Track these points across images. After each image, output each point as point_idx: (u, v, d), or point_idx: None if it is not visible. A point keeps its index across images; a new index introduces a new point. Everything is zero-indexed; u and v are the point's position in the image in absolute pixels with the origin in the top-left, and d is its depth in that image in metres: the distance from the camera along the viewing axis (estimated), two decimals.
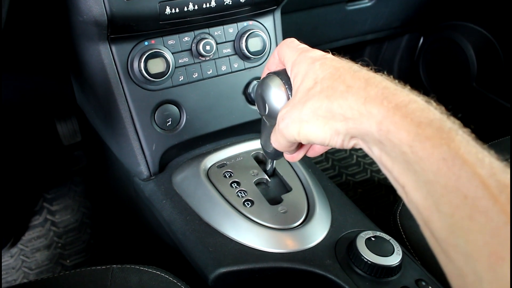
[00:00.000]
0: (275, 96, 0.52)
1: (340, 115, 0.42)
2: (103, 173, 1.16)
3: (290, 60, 0.50)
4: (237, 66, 0.82)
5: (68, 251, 1.26)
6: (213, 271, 0.62)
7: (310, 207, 0.71)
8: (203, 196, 0.71)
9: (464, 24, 1.53)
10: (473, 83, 1.52)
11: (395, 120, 0.37)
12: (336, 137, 0.44)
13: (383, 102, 0.39)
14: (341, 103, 0.42)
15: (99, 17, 0.65)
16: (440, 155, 0.34)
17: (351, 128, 0.42)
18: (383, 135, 0.38)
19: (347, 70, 0.44)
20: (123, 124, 0.75)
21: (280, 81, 0.52)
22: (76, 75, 0.94)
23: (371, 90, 0.40)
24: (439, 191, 0.34)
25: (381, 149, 0.40)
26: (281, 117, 0.48)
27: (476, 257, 0.31)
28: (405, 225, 0.78)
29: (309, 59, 0.48)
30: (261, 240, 0.65)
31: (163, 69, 0.73)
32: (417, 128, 0.36)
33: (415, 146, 0.36)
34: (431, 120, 0.36)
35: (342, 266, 0.62)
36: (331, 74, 0.44)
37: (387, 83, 0.42)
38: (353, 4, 1.26)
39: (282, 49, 0.53)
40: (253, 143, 0.81)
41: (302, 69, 0.47)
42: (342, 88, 0.42)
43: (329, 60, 0.47)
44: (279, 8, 0.85)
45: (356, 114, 0.40)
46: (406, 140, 0.36)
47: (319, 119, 0.44)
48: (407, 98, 0.39)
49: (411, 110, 0.37)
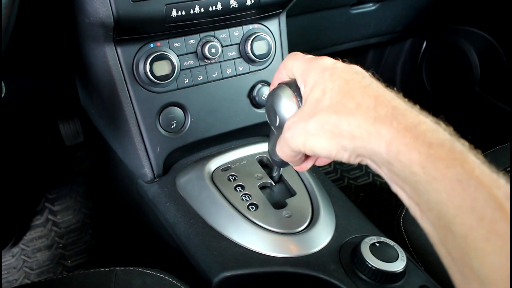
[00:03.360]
0: (286, 107, 0.51)
1: (348, 133, 0.41)
2: (106, 174, 1.16)
3: (299, 69, 0.50)
4: (242, 69, 0.82)
5: (69, 251, 1.26)
6: (217, 274, 0.62)
7: (314, 212, 0.71)
8: (207, 199, 0.71)
9: (467, 29, 1.53)
10: (476, 88, 1.52)
11: (405, 141, 0.37)
12: (342, 152, 0.43)
13: (393, 122, 0.38)
14: (349, 120, 0.41)
15: (105, 18, 0.64)
16: (454, 176, 0.34)
17: (358, 147, 0.41)
18: (392, 156, 0.38)
19: (357, 84, 0.44)
20: (127, 126, 0.75)
21: (291, 92, 0.51)
22: (81, 76, 0.94)
23: (381, 110, 0.40)
24: (453, 211, 0.34)
25: (389, 169, 0.40)
26: (288, 127, 0.48)
27: (492, 280, 0.31)
28: (409, 231, 0.77)
29: (319, 68, 0.47)
30: (265, 244, 0.65)
31: (168, 71, 0.73)
32: (428, 149, 0.36)
33: (427, 166, 0.35)
34: (442, 141, 0.36)
35: (346, 271, 0.62)
36: (341, 87, 0.44)
37: (397, 102, 0.41)
38: (357, 7, 1.26)
39: (289, 61, 0.52)
40: (258, 147, 0.81)
41: (312, 78, 0.47)
42: (351, 105, 0.42)
43: (339, 70, 0.46)
44: (285, 12, 0.85)
45: (364, 134, 0.40)
46: (417, 161, 0.36)
47: (326, 134, 0.43)
48: (417, 119, 0.39)
49: (421, 131, 0.37)
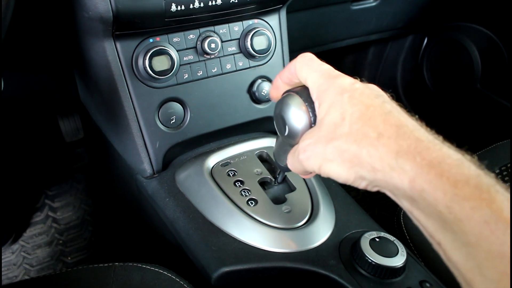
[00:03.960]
0: (296, 116, 0.49)
1: (368, 164, 0.40)
2: (105, 170, 1.16)
3: (314, 84, 0.47)
4: (242, 65, 0.81)
5: (69, 248, 1.26)
6: (216, 270, 0.62)
7: (314, 207, 0.70)
8: (206, 194, 0.71)
9: (468, 25, 1.52)
10: (477, 84, 1.52)
11: (429, 179, 0.36)
12: (360, 181, 0.42)
13: (416, 158, 0.37)
14: (370, 152, 0.40)
15: (104, 13, 0.64)
16: (482, 217, 0.32)
17: (379, 180, 0.40)
18: (416, 193, 0.37)
19: (378, 111, 0.42)
20: (127, 122, 0.75)
21: (301, 100, 0.49)
22: (80, 72, 0.93)
23: (403, 143, 0.38)
24: (482, 255, 0.32)
25: (412, 204, 0.38)
26: (303, 149, 0.46)
27: None
28: (409, 226, 0.77)
29: (337, 88, 0.45)
30: (265, 239, 0.65)
31: (168, 66, 0.73)
32: (454, 188, 0.34)
33: (453, 207, 0.34)
34: (468, 178, 0.35)
35: (346, 267, 0.62)
36: (361, 113, 0.42)
37: (419, 133, 0.39)
38: (357, 4, 1.26)
39: (302, 68, 0.49)
40: (257, 142, 0.81)
41: (329, 99, 0.44)
42: (373, 135, 0.40)
43: (358, 93, 0.43)
44: (285, 7, 0.84)
45: (386, 167, 0.39)
46: (442, 200, 0.35)
47: (344, 162, 0.42)
48: (441, 152, 0.37)
49: (446, 167, 0.36)
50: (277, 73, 0.55)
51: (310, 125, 0.49)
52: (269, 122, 0.87)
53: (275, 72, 0.84)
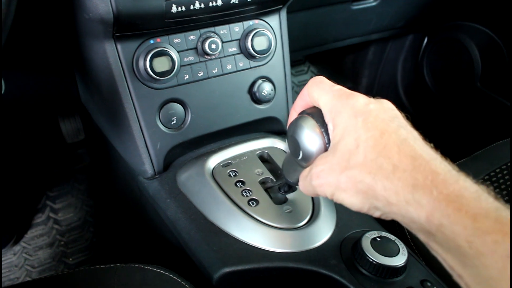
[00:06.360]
0: (310, 139, 0.48)
1: (383, 198, 0.39)
2: (107, 171, 1.16)
3: (327, 105, 0.47)
4: (243, 65, 0.82)
5: (70, 249, 1.26)
6: (218, 270, 0.62)
7: (315, 207, 0.71)
8: (207, 195, 0.71)
9: (468, 24, 1.52)
10: (477, 83, 1.52)
11: (448, 213, 0.35)
12: (374, 211, 0.42)
13: (433, 191, 0.36)
14: (386, 185, 0.39)
15: (105, 15, 0.64)
16: (504, 252, 0.32)
17: (394, 213, 0.39)
18: (433, 227, 0.36)
19: (393, 138, 0.40)
20: (128, 123, 0.75)
21: (315, 122, 0.48)
22: (81, 73, 0.94)
23: (419, 176, 0.38)
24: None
25: (429, 238, 0.38)
26: (316, 175, 0.46)
27: None
28: None
29: (350, 110, 0.44)
30: (266, 239, 0.65)
31: (169, 67, 0.73)
32: (474, 222, 0.34)
33: (474, 241, 0.33)
34: (487, 211, 0.34)
35: (347, 266, 0.62)
36: (375, 140, 0.41)
37: (435, 164, 0.39)
38: (358, 3, 1.26)
39: (314, 90, 0.49)
40: (258, 142, 0.81)
41: (342, 122, 0.44)
42: (388, 167, 0.39)
43: (373, 116, 0.42)
44: (285, 7, 0.84)
45: (402, 202, 0.38)
46: (463, 235, 0.34)
47: (358, 193, 0.41)
48: (458, 186, 0.36)
49: (464, 200, 0.35)
50: (277, 73, 0.55)
51: (324, 148, 0.48)
52: (269, 122, 0.87)
53: (276, 72, 0.84)
